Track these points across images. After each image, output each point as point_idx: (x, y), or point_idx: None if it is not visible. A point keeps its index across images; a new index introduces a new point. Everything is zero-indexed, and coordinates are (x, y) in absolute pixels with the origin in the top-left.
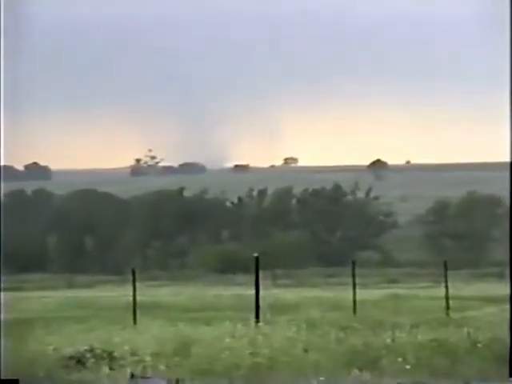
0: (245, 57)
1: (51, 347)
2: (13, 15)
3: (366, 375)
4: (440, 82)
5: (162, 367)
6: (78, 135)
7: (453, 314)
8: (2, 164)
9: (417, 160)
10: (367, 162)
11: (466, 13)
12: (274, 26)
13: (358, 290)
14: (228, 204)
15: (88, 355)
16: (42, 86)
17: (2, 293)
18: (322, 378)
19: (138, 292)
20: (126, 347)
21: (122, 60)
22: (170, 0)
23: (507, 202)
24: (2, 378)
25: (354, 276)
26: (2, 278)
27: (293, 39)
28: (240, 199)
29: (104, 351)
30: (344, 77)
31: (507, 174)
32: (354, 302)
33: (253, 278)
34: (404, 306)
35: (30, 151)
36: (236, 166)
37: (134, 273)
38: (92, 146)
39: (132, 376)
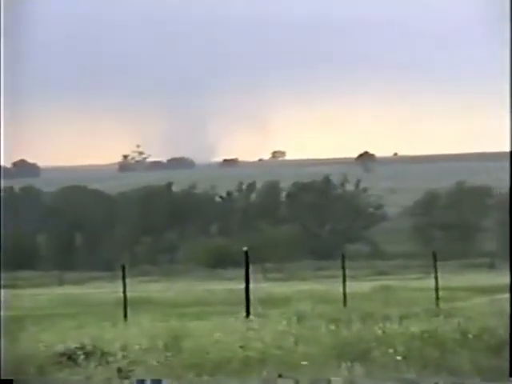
0: (232, 51)
1: (42, 344)
2: (11, 12)
3: (357, 367)
4: (430, 74)
5: (154, 362)
6: (65, 132)
7: (443, 305)
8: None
9: (404, 152)
10: (355, 155)
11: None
12: (262, 23)
13: (348, 283)
14: (217, 198)
15: (79, 352)
16: (29, 82)
17: (1, 290)
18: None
19: (128, 288)
20: (117, 343)
21: (109, 56)
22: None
23: (496, 192)
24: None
25: (343, 269)
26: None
27: (279, 32)
28: (229, 193)
29: (95, 347)
30: (332, 70)
31: (495, 164)
32: (344, 294)
33: (243, 272)
34: (394, 298)
35: (18, 148)
36: (225, 160)
37: (123, 269)
38: (79, 142)
39: (119, 371)
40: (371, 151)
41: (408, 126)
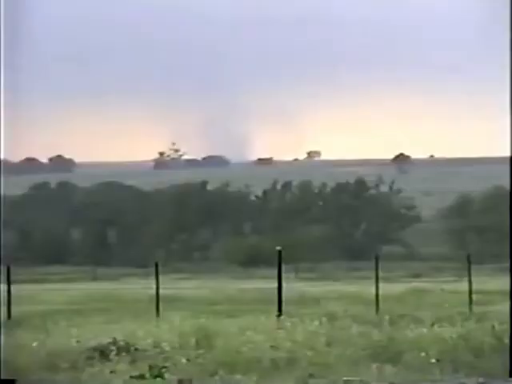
0: (269, 50)
1: (74, 339)
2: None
3: (389, 369)
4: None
5: (184, 360)
6: (101, 128)
7: (476, 309)
8: (25, 157)
9: (441, 154)
10: (391, 156)
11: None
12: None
13: (381, 284)
14: (252, 197)
15: (112, 347)
16: (64, 79)
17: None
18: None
19: (161, 285)
20: (149, 340)
21: (145, 53)
22: None
23: None
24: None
25: (377, 270)
26: (29, 270)
27: (315, 31)
28: (265, 192)
29: (127, 343)
30: (368, 69)
31: None
32: (377, 296)
33: (275, 271)
34: (427, 301)
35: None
36: (259, 159)
37: (157, 266)
38: (116, 139)
39: (150, 368)
40: (407, 153)
41: (445, 128)
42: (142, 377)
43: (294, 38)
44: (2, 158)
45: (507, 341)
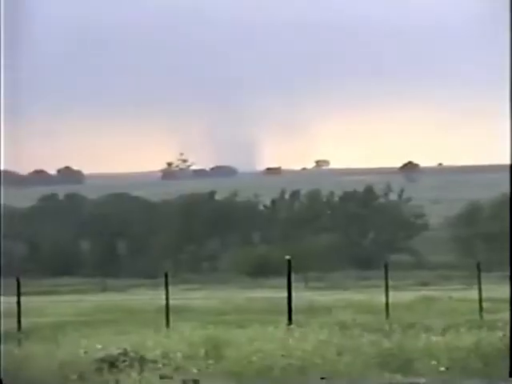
0: (276, 58)
1: (84, 350)
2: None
3: (399, 378)
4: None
5: (194, 370)
6: (109, 139)
7: (486, 316)
8: (33, 169)
9: (449, 162)
10: (399, 164)
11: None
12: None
13: (390, 293)
14: (260, 207)
15: (121, 358)
16: (68, 91)
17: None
18: None
19: (170, 295)
20: (158, 350)
21: (152, 62)
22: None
23: None
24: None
25: (386, 278)
26: (38, 281)
27: (324, 41)
28: (273, 202)
29: (137, 354)
30: (376, 78)
31: None
32: (387, 304)
33: (285, 280)
34: (437, 309)
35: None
36: (268, 168)
37: (166, 276)
38: (123, 150)
39: (161, 378)
40: (415, 161)
41: (454, 136)
42: None
43: (305, 47)
44: (11, 170)
45: None
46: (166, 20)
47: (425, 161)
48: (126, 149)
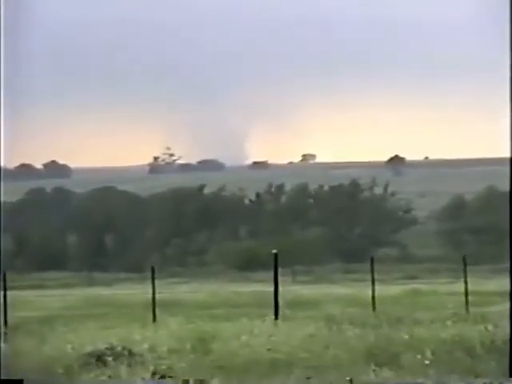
0: (262, 51)
1: (71, 345)
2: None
3: (386, 371)
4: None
5: (182, 364)
6: (95, 134)
7: (472, 310)
8: (20, 163)
9: (435, 156)
10: (386, 158)
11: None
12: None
13: (377, 286)
14: (246, 201)
15: (108, 353)
16: (54, 85)
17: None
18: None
19: (157, 289)
20: (146, 345)
21: (136, 56)
22: None
23: None
24: (12, 377)
25: (372, 272)
26: (25, 276)
27: (311, 32)
28: (258, 196)
29: (124, 348)
30: (362, 72)
31: None
32: (373, 298)
33: (272, 274)
34: (423, 302)
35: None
36: (254, 162)
37: (153, 270)
38: (109, 144)
39: (153, 374)
40: (402, 155)
41: (439, 129)
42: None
43: (291, 40)
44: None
45: (500, 342)
46: (149, 14)
47: (411, 154)
48: (112, 143)
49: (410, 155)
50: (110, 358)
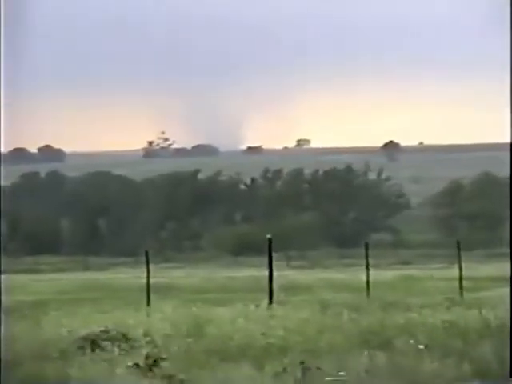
0: (258, 37)
1: (66, 329)
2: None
3: (379, 355)
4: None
5: (175, 348)
6: (90, 119)
7: (466, 295)
8: (14, 147)
9: (430, 141)
10: (381, 144)
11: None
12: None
13: (371, 272)
14: (241, 186)
15: (103, 336)
16: (49, 69)
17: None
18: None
19: (151, 274)
20: (140, 329)
21: (133, 42)
22: None
23: None
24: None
25: (367, 257)
26: (19, 260)
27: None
28: (253, 180)
29: (118, 333)
30: (357, 58)
31: None
32: (368, 283)
33: (266, 259)
34: (417, 287)
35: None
36: (249, 147)
37: (147, 255)
38: (104, 128)
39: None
40: (397, 140)
41: (435, 115)
42: (137, 366)
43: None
44: None
45: (494, 326)
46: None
47: (406, 140)
48: (107, 127)
49: (405, 141)
50: (104, 342)
